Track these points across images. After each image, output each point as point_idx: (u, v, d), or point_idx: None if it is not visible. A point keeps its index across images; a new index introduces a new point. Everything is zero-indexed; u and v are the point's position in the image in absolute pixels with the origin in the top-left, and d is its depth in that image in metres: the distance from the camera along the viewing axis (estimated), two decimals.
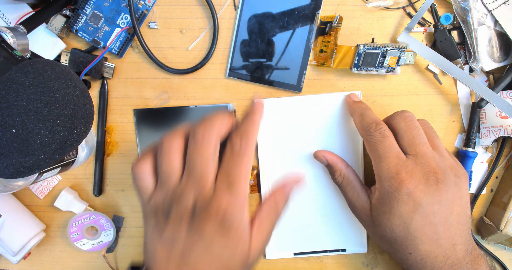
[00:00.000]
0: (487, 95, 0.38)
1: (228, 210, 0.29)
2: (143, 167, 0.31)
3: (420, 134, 0.35)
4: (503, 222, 0.40)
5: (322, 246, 0.43)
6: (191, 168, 0.30)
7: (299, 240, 0.43)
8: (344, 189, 0.39)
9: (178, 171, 0.31)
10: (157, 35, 0.42)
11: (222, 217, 0.29)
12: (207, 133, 0.30)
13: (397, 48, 0.39)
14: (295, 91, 0.42)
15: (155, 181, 0.32)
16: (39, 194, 0.44)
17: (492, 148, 0.43)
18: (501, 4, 0.39)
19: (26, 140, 0.25)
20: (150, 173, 0.32)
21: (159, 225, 0.31)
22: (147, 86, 0.42)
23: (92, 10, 0.40)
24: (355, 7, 0.41)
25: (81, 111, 0.28)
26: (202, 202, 0.29)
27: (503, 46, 0.40)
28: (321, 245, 0.43)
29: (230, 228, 0.29)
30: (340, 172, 0.39)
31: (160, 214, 0.31)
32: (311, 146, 0.42)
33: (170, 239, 0.30)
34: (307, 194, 0.42)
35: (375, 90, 0.42)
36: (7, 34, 0.32)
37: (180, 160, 0.31)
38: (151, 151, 0.32)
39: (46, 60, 0.28)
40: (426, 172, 0.33)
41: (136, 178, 0.32)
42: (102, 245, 0.43)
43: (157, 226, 0.31)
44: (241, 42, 0.41)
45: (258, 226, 0.31)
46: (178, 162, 0.31)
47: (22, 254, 0.41)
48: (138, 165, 0.32)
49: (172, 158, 0.31)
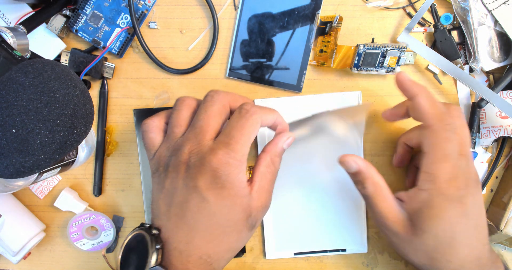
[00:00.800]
0: (487, 95, 0.39)
1: (222, 166, 0.28)
2: (154, 122, 0.33)
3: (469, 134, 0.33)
4: (503, 222, 0.40)
5: (322, 246, 0.43)
6: (194, 123, 0.31)
7: (299, 240, 0.43)
8: (374, 199, 0.34)
9: (184, 124, 0.32)
10: (157, 35, 0.42)
11: (215, 172, 0.28)
12: (217, 96, 0.31)
13: (397, 48, 0.39)
14: (295, 91, 0.42)
15: (162, 138, 0.32)
16: (39, 194, 0.44)
17: (492, 148, 0.43)
18: (501, 4, 0.39)
19: (26, 140, 0.25)
20: (160, 130, 0.33)
21: (161, 177, 0.31)
22: (147, 86, 0.42)
23: (92, 10, 0.40)
24: (355, 7, 0.41)
25: (81, 111, 0.28)
26: (197, 155, 0.29)
27: (503, 46, 0.40)
28: (321, 245, 0.43)
29: (224, 185, 0.29)
30: (372, 180, 0.34)
31: (162, 166, 0.31)
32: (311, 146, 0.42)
33: (170, 192, 0.30)
34: (307, 194, 0.42)
35: (375, 90, 0.42)
36: (7, 34, 0.32)
37: (188, 116, 0.32)
38: (165, 113, 0.34)
39: (46, 60, 0.28)
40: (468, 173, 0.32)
41: (145, 131, 0.33)
42: (102, 245, 0.43)
43: (159, 179, 0.31)
44: (241, 42, 0.41)
45: (256, 184, 0.31)
46: (187, 117, 0.32)
47: (22, 254, 0.41)
48: (149, 120, 0.33)
49: (181, 113, 0.32)
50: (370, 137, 0.43)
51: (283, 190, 0.42)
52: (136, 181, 0.43)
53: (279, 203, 0.43)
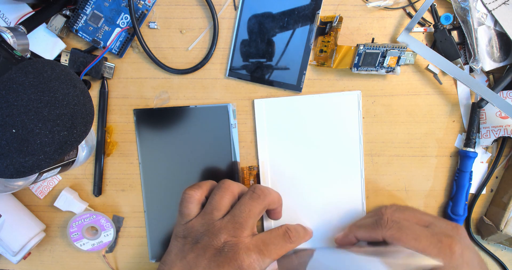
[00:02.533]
0: (487, 95, 0.38)
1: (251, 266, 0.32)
2: (196, 194, 0.36)
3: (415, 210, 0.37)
4: (503, 222, 0.40)
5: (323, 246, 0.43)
6: (235, 214, 0.34)
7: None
8: None
9: (224, 210, 0.35)
10: (157, 35, 0.42)
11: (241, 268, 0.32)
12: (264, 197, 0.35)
13: (397, 48, 0.39)
14: (295, 91, 0.42)
15: (199, 211, 0.36)
16: (39, 194, 0.44)
17: (492, 148, 0.43)
18: (501, 4, 0.39)
19: (26, 140, 0.25)
20: (199, 202, 0.36)
21: (186, 247, 0.34)
22: (147, 86, 0.42)
23: (92, 10, 0.40)
24: (355, 7, 0.41)
25: (81, 111, 0.28)
26: (231, 247, 0.33)
27: (503, 46, 0.40)
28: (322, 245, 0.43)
29: None
30: None
31: (191, 238, 0.34)
32: (311, 146, 0.42)
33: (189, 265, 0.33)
34: (308, 197, 0.42)
35: (375, 90, 0.42)
36: (7, 34, 0.32)
37: (230, 202, 0.35)
38: (206, 186, 0.37)
39: (46, 60, 0.28)
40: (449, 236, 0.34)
41: (186, 200, 0.35)
42: (102, 245, 0.43)
43: (184, 248, 0.34)
44: (241, 42, 0.41)
45: None
46: (228, 203, 0.35)
47: (22, 254, 0.41)
48: (192, 192, 0.36)
49: (224, 199, 0.35)
50: (370, 137, 0.43)
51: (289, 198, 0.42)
52: (136, 181, 0.43)
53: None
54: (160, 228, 0.44)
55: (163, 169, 0.43)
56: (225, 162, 0.42)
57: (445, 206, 0.44)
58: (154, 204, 0.43)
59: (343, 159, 0.42)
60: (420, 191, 0.44)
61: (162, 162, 0.43)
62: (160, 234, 0.44)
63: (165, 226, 0.43)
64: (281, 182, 0.43)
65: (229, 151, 0.42)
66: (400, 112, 0.42)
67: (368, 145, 0.43)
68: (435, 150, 0.43)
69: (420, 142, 0.43)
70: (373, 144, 0.43)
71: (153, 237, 0.44)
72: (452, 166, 0.43)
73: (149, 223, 0.44)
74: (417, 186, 0.43)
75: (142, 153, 0.43)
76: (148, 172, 0.43)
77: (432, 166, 0.43)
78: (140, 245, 0.44)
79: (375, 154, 0.43)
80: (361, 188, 0.42)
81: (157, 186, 0.43)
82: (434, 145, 0.43)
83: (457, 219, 0.42)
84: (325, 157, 0.42)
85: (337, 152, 0.42)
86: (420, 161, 0.43)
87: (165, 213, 0.43)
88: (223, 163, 0.42)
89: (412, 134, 0.43)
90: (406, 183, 0.43)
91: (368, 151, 0.43)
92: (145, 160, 0.43)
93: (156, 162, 0.43)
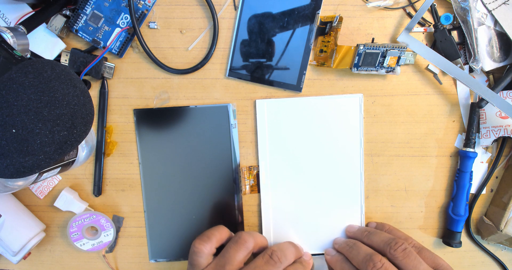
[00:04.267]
0: (487, 95, 0.38)
1: None
2: (206, 248, 0.36)
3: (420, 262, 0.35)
4: (503, 222, 0.40)
5: (322, 247, 0.43)
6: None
7: (299, 241, 0.43)
8: None
9: (237, 266, 0.35)
10: (157, 35, 0.42)
11: None
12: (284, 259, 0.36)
13: (397, 48, 0.39)
14: (295, 91, 0.42)
15: (210, 261, 0.36)
16: (39, 194, 0.44)
17: (492, 148, 0.43)
18: (501, 4, 0.39)
19: (26, 140, 0.25)
20: (209, 255, 0.36)
21: None
22: (147, 86, 0.42)
23: (92, 10, 0.40)
24: (355, 7, 0.41)
25: (81, 111, 0.28)
26: None
27: (503, 46, 0.40)
28: (322, 245, 0.43)
29: None
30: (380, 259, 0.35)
31: None
32: (311, 147, 0.42)
33: None
34: (307, 197, 0.42)
35: (375, 90, 0.42)
36: (7, 34, 0.32)
37: (243, 259, 0.36)
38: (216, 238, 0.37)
39: (46, 60, 0.28)
40: None
41: (195, 254, 0.36)
42: (102, 245, 0.43)
43: None
44: (241, 42, 0.41)
45: None
46: (242, 259, 0.36)
47: (22, 254, 0.41)
48: (201, 247, 0.36)
49: (238, 254, 0.35)
50: (370, 137, 0.43)
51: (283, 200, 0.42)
52: (136, 181, 0.43)
53: (279, 212, 0.43)
54: (160, 228, 0.44)
55: (163, 169, 0.43)
56: (225, 162, 0.42)
57: (445, 206, 0.44)
58: (154, 204, 0.43)
59: (343, 159, 0.42)
60: (420, 191, 0.44)
61: (162, 162, 0.43)
62: (160, 234, 0.44)
63: (165, 226, 0.43)
64: (281, 181, 0.43)
65: (229, 151, 0.42)
66: (400, 112, 0.42)
67: (368, 145, 0.43)
68: (435, 150, 0.43)
69: (420, 142, 0.43)
70: (373, 144, 0.43)
71: (153, 237, 0.44)
72: (452, 166, 0.43)
73: (149, 223, 0.44)
74: (417, 186, 0.43)
75: (142, 153, 0.43)
76: (148, 172, 0.43)
77: (432, 166, 0.43)
78: (140, 245, 0.44)
79: (375, 154, 0.43)
80: (361, 188, 0.42)
81: (157, 186, 0.43)
82: (434, 145, 0.43)
83: (458, 219, 0.42)
84: (325, 158, 0.42)
85: (337, 152, 0.42)
86: (420, 161, 0.43)
87: (165, 213, 0.43)
88: (223, 163, 0.42)
89: (412, 134, 0.43)
90: (406, 183, 0.43)
91: (368, 151, 0.43)
92: (145, 160, 0.43)
93: (156, 162, 0.43)
